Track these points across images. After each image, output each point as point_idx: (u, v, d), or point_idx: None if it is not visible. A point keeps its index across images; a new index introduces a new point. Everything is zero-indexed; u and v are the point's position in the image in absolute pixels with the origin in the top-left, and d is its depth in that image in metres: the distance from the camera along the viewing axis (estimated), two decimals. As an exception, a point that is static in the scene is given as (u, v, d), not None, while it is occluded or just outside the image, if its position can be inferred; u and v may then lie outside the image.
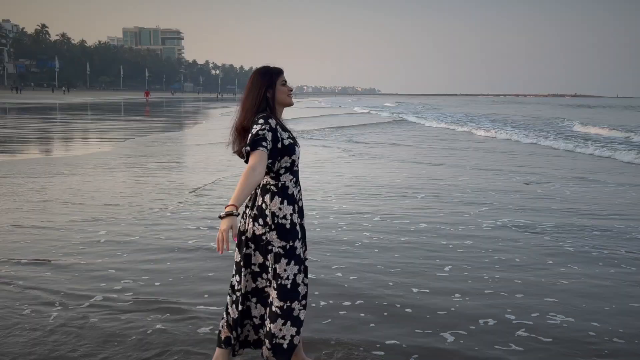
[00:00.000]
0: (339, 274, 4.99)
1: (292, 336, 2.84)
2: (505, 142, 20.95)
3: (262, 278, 2.86)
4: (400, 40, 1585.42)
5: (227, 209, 2.49)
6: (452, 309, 4.22)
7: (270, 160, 2.70)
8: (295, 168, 2.86)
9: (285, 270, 2.80)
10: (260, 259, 2.82)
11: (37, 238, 6.06)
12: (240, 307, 2.88)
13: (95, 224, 6.69)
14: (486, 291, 4.64)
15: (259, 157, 2.62)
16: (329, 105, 68.05)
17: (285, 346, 2.83)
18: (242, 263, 2.86)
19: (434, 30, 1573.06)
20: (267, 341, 2.85)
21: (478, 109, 60.88)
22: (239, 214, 2.51)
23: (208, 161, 13.18)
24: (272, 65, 2.92)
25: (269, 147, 2.67)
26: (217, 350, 2.98)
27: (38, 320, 3.90)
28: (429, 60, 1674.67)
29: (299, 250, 2.84)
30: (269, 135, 2.70)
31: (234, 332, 2.91)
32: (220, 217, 2.49)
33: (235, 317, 2.89)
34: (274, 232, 2.78)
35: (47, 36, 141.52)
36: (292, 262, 2.80)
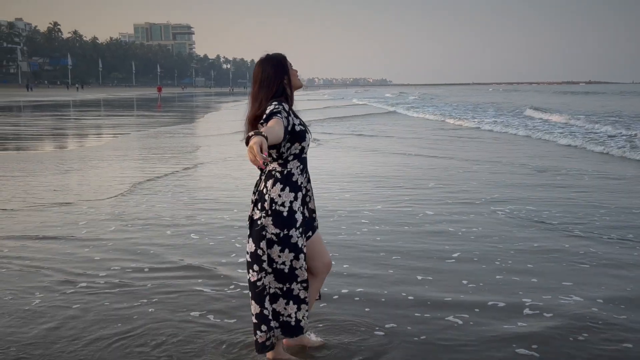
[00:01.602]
0: (336, 262, 4.76)
1: (296, 312, 2.83)
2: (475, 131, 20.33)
3: (253, 270, 2.78)
4: (413, 30, 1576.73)
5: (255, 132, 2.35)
6: (462, 295, 4.03)
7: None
8: (303, 155, 2.82)
9: (279, 256, 2.75)
10: (252, 247, 2.76)
11: (18, 220, 6.21)
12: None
13: (73, 207, 6.85)
14: (497, 277, 4.44)
15: (276, 121, 2.53)
16: (332, 98, 67.99)
17: (293, 323, 2.83)
18: None
19: (447, 19, 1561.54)
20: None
21: (475, 98, 59.89)
22: (267, 138, 2.34)
23: (192, 151, 13.30)
24: (270, 52, 2.88)
25: (284, 121, 2.58)
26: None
27: (20, 303, 3.87)
28: (442, 49, 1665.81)
29: (295, 239, 2.75)
30: (284, 112, 2.62)
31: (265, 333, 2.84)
32: (248, 138, 2.33)
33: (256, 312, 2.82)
34: (270, 218, 2.71)
35: (60, 34, 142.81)
36: (287, 249, 2.74)
